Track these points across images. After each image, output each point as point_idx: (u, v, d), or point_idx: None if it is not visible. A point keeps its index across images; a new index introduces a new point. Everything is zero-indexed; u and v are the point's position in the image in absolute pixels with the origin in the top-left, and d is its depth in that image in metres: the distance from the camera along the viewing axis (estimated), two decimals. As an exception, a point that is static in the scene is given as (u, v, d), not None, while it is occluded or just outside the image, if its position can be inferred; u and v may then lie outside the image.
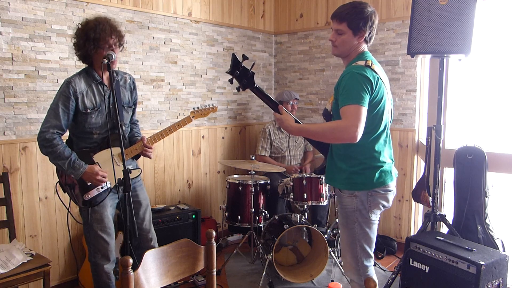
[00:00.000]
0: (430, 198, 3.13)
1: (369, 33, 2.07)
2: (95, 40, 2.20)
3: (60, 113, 2.23)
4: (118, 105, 2.17)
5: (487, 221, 3.12)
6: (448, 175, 3.52)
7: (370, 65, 1.99)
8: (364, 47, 2.12)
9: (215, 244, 1.70)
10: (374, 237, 2.16)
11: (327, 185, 3.52)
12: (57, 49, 2.93)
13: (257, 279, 3.24)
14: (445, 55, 2.97)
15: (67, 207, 2.41)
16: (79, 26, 2.28)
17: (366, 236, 2.12)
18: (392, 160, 2.17)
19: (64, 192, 2.39)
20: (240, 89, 2.18)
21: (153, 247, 2.59)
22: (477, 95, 3.49)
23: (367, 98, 1.92)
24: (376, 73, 1.99)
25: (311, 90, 4.47)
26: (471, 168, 3.16)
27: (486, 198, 3.12)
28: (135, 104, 2.57)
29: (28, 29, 2.79)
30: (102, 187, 2.34)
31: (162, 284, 1.55)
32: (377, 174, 2.05)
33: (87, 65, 2.35)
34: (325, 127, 2.00)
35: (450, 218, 3.27)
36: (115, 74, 2.36)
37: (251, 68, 2.14)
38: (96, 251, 2.39)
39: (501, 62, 3.34)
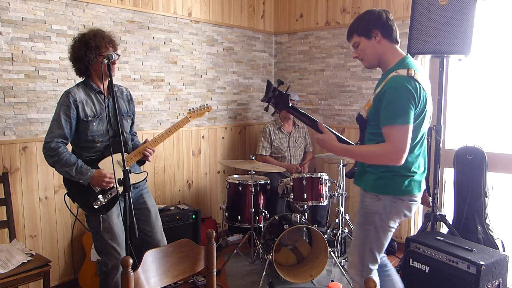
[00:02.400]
0: (430, 198, 3.14)
1: (385, 30, 1.99)
2: (96, 48, 2.26)
3: (63, 123, 2.26)
4: (118, 111, 2.18)
5: (487, 221, 3.12)
6: (448, 175, 3.52)
7: (412, 74, 1.90)
8: (396, 49, 2.03)
9: (215, 244, 1.70)
10: (386, 244, 2.11)
11: (327, 185, 3.53)
12: (57, 49, 2.93)
13: (257, 279, 3.24)
14: (445, 55, 2.98)
15: (75, 215, 2.42)
16: (75, 39, 2.32)
17: (378, 241, 2.07)
18: (425, 169, 2.10)
19: (74, 202, 2.38)
20: (276, 112, 2.17)
21: None
22: (477, 95, 3.49)
23: (412, 114, 1.87)
24: (419, 83, 1.90)
25: (311, 90, 4.47)
26: (471, 168, 3.16)
27: (486, 198, 3.12)
28: (133, 114, 2.61)
29: (28, 29, 2.79)
30: (110, 194, 2.34)
31: (162, 284, 1.55)
32: (406, 182, 2.00)
33: (85, 75, 2.39)
34: (370, 152, 1.96)
35: (450, 218, 3.27)
36: (111, 72, 2.36)
37: (286, 91, 2.11)
38: (106, 261, 2.36)
39: (501, 62, 3.34)
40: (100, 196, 2.33)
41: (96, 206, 2.32)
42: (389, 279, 2.29)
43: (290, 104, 2.13)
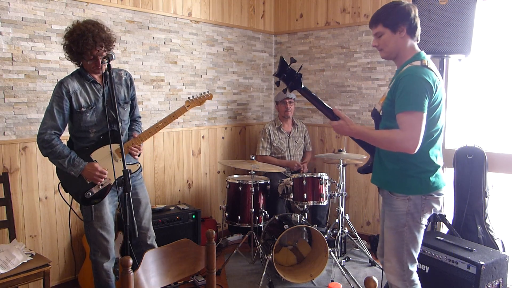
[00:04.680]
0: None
1: (409, 26, 2.00)
2: (78, 54, 2.23)
3: (55, 114, 2.26)
4: (114, 102, 2.17)
5: (487, 221, 3.12)
6: (448, 175, 3.52)
7: (426, 64, 1.95)
8: (414, 45, 2.06)
9: (215, 244, 1.70)
10: (421, 241, 2.11)
11: (327, 185, 3.53)
12: (57, 49, 2.93)
13: (257, 279, 3.24)
14: (445, 55, 2.98)
15: (69, 204, 2.44)
16: (66, 31, 2.25)
17: (414, 240, 2.07)
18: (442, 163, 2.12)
19: (66, 192, 2.40)
20: (287, 90, 2.15)
21: (151, 245, 2.60)
22: (477, 95, 3.49)
23: (426, 103, 1.88)
24: (433, 72, 1.95)
25: (311, 90, 4.46)
26: (471, 168, 3.16)
27: (486, 198, 3.12)
28: (132, 99, 2.56)
29: (28, 29, 2.79)
30: (102, 185, 2.34)
31: (162, 284, 1.54)
32: (432, 179, 2.01)
33: (79, 65, 2.37)
34: (386, 137, 1.96)
35: (450, 218, 3.27)
36: (107, 72, 2.33)
37: (298, 70, 2.11)
38: (96, 249, 2.41)
39: (501, 62, 3.34)
40: (91, 187, 2.34)
41: (88, 197, 2.33)
42: None
43: (303, 86, 2.10)
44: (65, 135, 2.40)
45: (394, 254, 2.09)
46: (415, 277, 2.11)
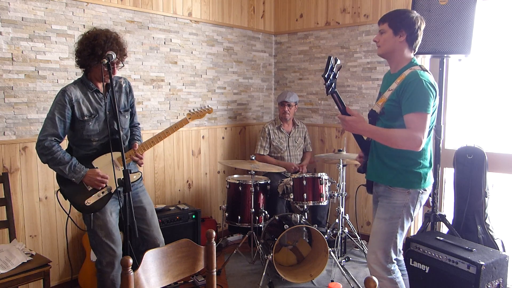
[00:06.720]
0: (430, 198, 3.14)
1: (411, 36, 2.13)
2: (100, 57, 2.20)
3: (57, 122, 2.24)
4: (115, 112, 2.18)
5: (487, 221, 3.13)
6: (448, 175, 3.52)
7: (426, 69, 2.11)
8: (410, 53, 2.18)
9: (215, 244, 1.69)
10: (405, 234, 2.25)
11: (327, 185, 3.53)
12: (57, 49, 2.93)
13: (257, 279, 3.24)
14: (445, 55, 2.98)
15: (67, 213, 2.40)
16: (87, 35, 2.26)
17: (402, 232, 2.19)
18: None
19: (65, 199, 2.38)
20: (327, 92, 2.18)
21: None
22: (477, 95, 3.49)
23: (432, 105, 2.03)
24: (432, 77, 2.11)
25: (311, 90, 4.47)
26: (471, 168, 3.16)
27: (486, 198, 3.12)
28: (132, 107, 2.57)
29: (28, 29, 2.79)
30: (103, 192, 2.34)
31: (162, 284, 1.55)
32: (429, 174, 2.18)
33: (83, 72, 2.36)
34: (397, 135, 2.05)
35: (450, 218, 3.27)
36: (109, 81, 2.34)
37: (338, 71, 2.19)
38: (101, 258, 2.37)
39: (501, 62, 3.34)
40: (92, 195, 2.32)
41: (88, 204, 2.31)
42: (405, 278, 2.38)
43: (335, 89, 2.17)
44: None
45: (381, 245, 2.19)
46: (396, 268, 2.23)
